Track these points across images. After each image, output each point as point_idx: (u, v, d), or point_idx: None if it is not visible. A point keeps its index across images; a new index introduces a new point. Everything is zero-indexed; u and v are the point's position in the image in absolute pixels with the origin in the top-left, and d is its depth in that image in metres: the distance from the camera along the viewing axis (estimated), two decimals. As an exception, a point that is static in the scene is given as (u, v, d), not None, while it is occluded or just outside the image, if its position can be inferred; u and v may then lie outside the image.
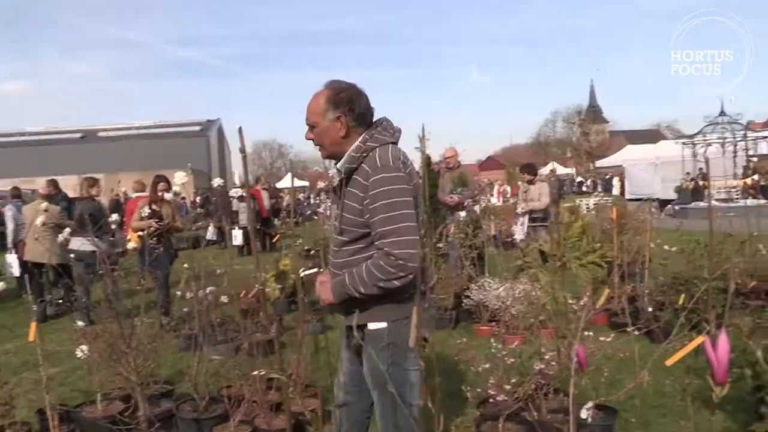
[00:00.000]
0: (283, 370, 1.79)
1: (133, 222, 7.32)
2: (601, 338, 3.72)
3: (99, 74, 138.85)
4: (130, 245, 4.34)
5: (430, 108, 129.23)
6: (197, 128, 56.30)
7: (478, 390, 3.73)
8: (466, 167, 8.39)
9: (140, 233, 6.45)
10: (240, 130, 1.59)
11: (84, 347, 3.46)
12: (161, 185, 7.51)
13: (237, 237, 16.81)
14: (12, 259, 10.63)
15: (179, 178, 2.95)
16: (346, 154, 2.48)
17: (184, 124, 56.91)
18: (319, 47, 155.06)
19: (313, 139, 2.57)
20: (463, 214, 7.25)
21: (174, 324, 6.12)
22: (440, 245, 7.34)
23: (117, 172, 34.23)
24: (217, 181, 3.27)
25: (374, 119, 2.58)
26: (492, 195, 23.34)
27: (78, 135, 55.52)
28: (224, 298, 5.32)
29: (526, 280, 5.72)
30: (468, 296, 6.38)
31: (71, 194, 12.18)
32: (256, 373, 2.40)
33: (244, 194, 16.36)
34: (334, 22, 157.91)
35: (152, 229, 6.39)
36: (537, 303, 4.52)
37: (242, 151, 1.30)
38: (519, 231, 8.11)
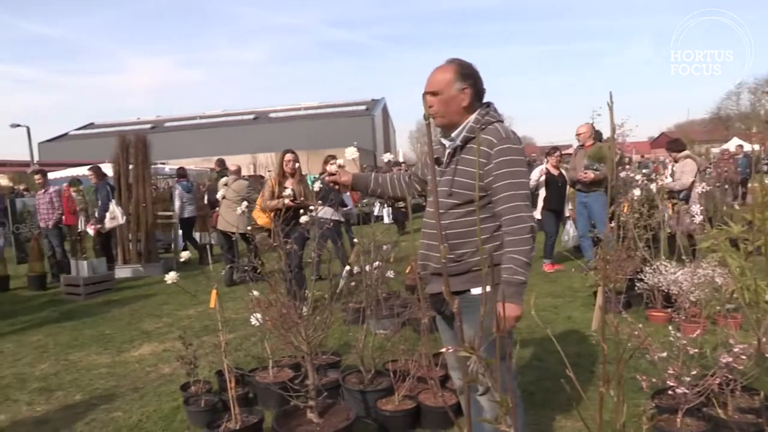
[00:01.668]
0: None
1: (263, 202, 7.10)
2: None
3: (265, 59, 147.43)
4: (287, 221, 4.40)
5: (605, 83, 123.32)
6: (362, 107, 57.79)
7: (653, 380, 3.49)
8: (605, 142, 7.90)
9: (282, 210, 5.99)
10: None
11: (258, 315, 3.62)
12: (288, 156, 7.16)
13: (386, 215, 17.07)
14: (178, 234, 11.67)
15: (350, 153, 2.97)
16: (466, 124, 2.66)
17: (350, 104, 58.67)
18: (476, 26, 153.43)
19: (430, 108, 2.69)
20: (637, 192, 6.79)
21: (340, 298, 6.17)
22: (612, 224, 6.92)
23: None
24: (386, 157, 3.27)
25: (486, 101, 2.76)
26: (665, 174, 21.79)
27: (251, 117, 59.09)
28: (390, 273, 5.38)
29: (707, 264, 5.28)
30: (641, 279, 6.01)
31: (245, 172, 13.06)
32: (443, 350, 2.39)
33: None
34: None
35: (284, 207, 6.06)
36: (724, 290, 4.13)
37: (426, 118, 1.25)
38: (696, 211, 7.50)
